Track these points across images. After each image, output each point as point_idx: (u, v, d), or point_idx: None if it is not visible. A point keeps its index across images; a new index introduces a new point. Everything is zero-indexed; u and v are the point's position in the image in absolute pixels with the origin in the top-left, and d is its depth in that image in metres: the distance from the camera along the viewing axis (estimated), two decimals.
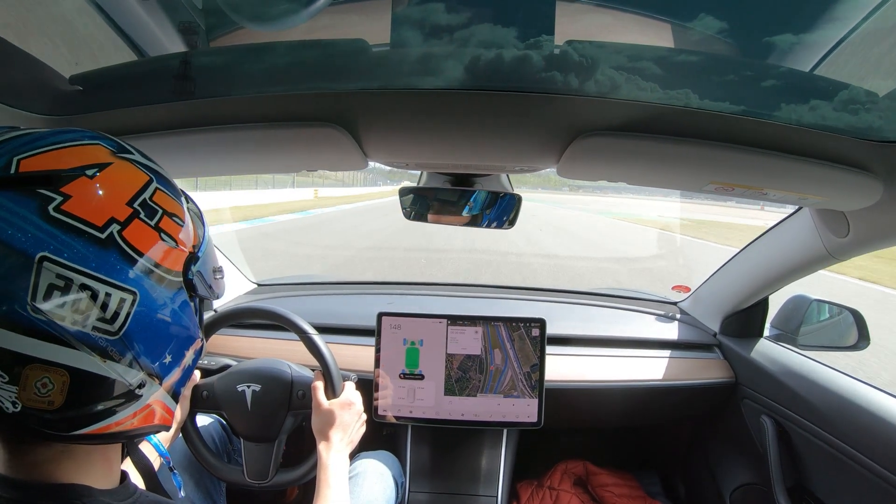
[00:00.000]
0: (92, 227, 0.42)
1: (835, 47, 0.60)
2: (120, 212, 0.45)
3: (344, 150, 0.78)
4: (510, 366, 1.29)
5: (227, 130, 0.75)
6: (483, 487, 1.36)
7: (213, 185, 18.18)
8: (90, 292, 0.42)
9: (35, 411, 0.42)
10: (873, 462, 0.98)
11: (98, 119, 0.76)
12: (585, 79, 0.60)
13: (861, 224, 0.91)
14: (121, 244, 0.44)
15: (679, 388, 1.40)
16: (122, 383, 0.46)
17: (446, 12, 0.56)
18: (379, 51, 0.62)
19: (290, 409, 1.05)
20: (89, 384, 0.44)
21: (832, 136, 0.67)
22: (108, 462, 0.53)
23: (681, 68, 0.61)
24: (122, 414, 0.47)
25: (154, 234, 0.47)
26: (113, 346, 0.44)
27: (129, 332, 0.45)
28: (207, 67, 0.71)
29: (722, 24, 0.58)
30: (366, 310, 1.47)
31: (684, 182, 0.87)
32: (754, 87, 0.63)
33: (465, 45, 0.59)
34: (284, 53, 0.65)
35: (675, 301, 1.74)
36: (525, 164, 0.90)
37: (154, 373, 0.49)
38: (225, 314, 1.09)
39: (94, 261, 0.42)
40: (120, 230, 0.44)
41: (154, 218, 0.47)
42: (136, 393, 0.47)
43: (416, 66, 0.63)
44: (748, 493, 1.38)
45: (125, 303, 0.44)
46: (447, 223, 1.13)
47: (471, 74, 0.61)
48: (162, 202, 0.49)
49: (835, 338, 1.28)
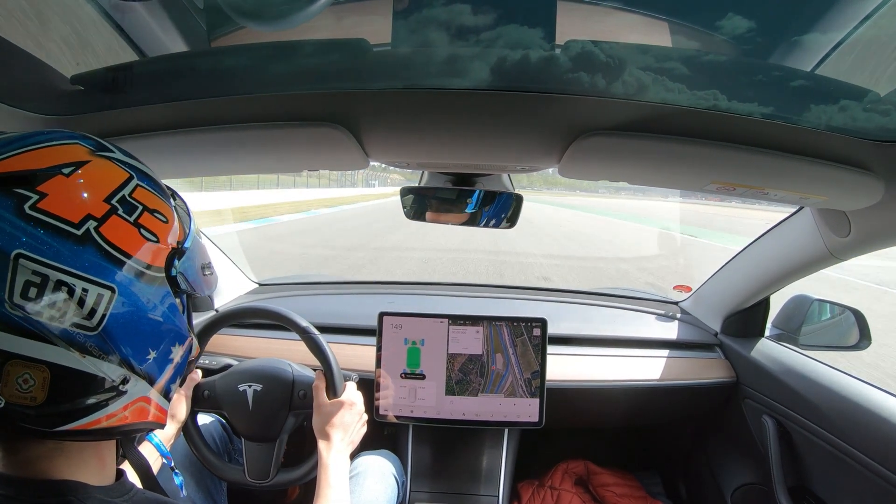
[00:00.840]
0: (68, 224, 0.43)
1: (836, 47, 0.60)
2: (97, 208, 0.45)
3: (345, 150, 0.78)
4: (511, 371, 1.29)
5: (228, 130, 0.75)
6: (484, 487, 1.36)
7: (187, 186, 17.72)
8: (67, 288, 0.42)
9: (18, 407, 0.42)
10: (874, 462, 0.98)
11: (99, 119, 0.76)
12: (587, 78, 0.60)
13: (862, 224, 0.91)
14: (98, 240, 0.44)
15: (680, 388, 1.40)
16: (104, 379, 0.46)
17: (447, 12, 0.56)
18: (380, 51, 0.62)
19: (292, 409, 1.05)
20: (70, 380, 0.44)
21: (833, 136, 0.67)
22: (102, 459, 0.53)
23: (681, 67, 0.61)
24: (107, 410, 0.47)
25: (133, 229, 0.47)
26: (92, 342, 0.44)
27: (108, 328, 0.45)
28: (209, 67, 0.71)
29: (721, 23, 0.58)
30: (367, 309, 1.47)
31: (685, 182, 0.87)
32: (757, 87, 0.63)
33: (466, 46, 0.59)
34: (286, 53, 0.65)
35: (676, 301, 1.74)
36: (526, 164, 0.90)
37: (138, 369, 0.49)
38: (226, 314, 1.09)
39: (70, 257, 0.43)
40: (97, 226, 0.44)
41: (133, 214, 0.48)
42: (121, 389, 0.47)
43: (417, 66, 0.64)
44: (749, 492, 1.38)
45: (103, 298, 0.44)
46: (448, 222, 1.13)
47: (472, 74, 0.61)
48: (143, 198, 0.49)
49: (836, 337, 1.28)
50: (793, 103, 0.63)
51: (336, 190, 39.08)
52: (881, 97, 0.62)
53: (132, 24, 0.66)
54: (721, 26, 0.58)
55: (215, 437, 1.17)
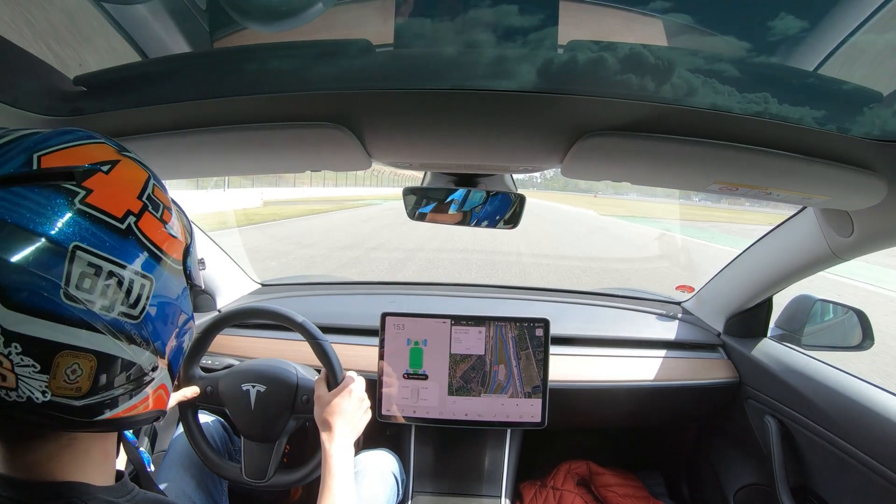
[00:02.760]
0: (113, 219, 0.45)
1: (839, 46, 0.60)
2: (134, 204, 0.48)
3: (348, 151, 0.78)
4: (512, 383, 1.29)
5: (230, 131, 0.75)
6: (486, 487, 1.36)
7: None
8: (117, 279, 0.45)
9: (63, 398, 0.44)
10: (877, 462, 0.97)
11: (101, 120, 0.76)
12: (589, 79, 0.60)
13: (865, 223, 0.90)
14: (137, 234, 0.47)
15: (682, 389, 1.40)
16: (139, 367, 0.49)
17: (448, 12, 0.56)
18: (383, 51, 0.62)
19: (294, 413, 1.05)
20: (114, 368, 0.46)
21: (836, 136, 0.67)
22: (107, 456, 0.54)
23: (684, 67, 0.61)
24: (140, 396, 0.50)
25: (160, 225, 0.50)
26: (135, 331, 0.47)
27: (147, 316, 0.48)
28: (211, 68, 0.71)
29: (722, 23, 0.58)
30: (369, 310, 1.47)
31: (689, 182, 0.86)
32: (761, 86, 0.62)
33: (468, 46, 0.59)
34: (287, 54, 0.65)
35: (678, 301, 1.74)
36: (529, 164, 0.90)
37: (163, 355, 0.52)
38: (227, 315, 1.10)
39: (117, 249, 0.45)
40: (136, 221, 0.47)
41: (158, 211, 0.51)
42: (151, 376, 0.51)
43: (419, 67, 0.63)
44: (752, 493, 1.37)
45: (145, 288, 0.47)
46: (449, 222, 1.13)
47: (474, 75, 0.61)
48: (160, 197, 0.52)
49: (839, 338, 1.28)
50: (795, 103, 0.63)
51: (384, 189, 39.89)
52: (884, 96, 0.62)
53: (134, 25, 0.67)
54: (722, 26, 0.58)
55: (215, 436, 1.17)
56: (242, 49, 0.67)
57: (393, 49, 0.60)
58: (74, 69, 0.69)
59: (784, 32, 0.57)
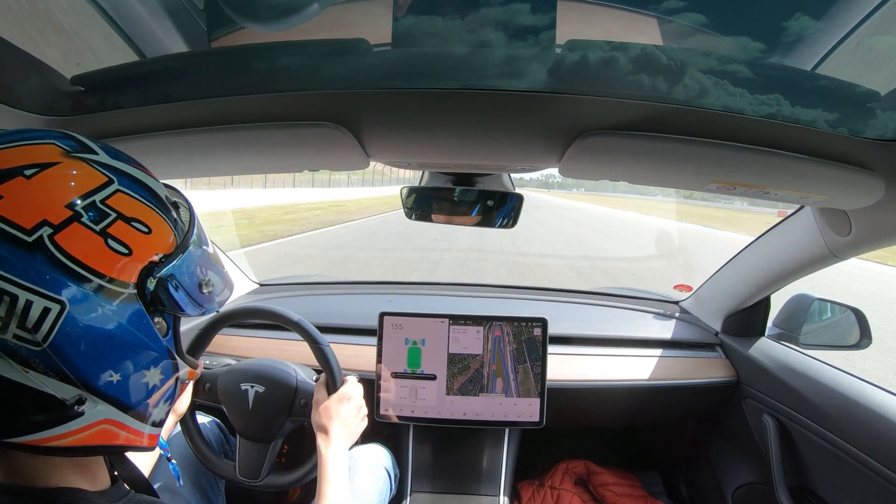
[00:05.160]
0: (17, 230, 0.40)
1: (837, 45, 0.60)
2: (55, 214, 0.42)
3: (346, 150, 0.78)
4: (511, 383, 1.29)
5: (228, 130, 0.75)
6: (484, 487, 1.36)
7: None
8: (9, 298, 0.40)
9: None
10: (876, 461, 0.98)
11: (100, 120, 0.76)
12: (587, 78, 0.60)
13: (863, 223, 0.91)
14: (50, 249, 0.41)
15: (680, 388, 1.40)
16: (52, 397, 0.43)
17: (448, 12, 0.56)
18: (380, 51, 0.61)
19: (291, 416, 1.06)
20: (14, 393, 0.41)
21: (834, 135, 0.67)
22: (100, 460, 0.53)
23: (682, 66, 0.61)
24: (61, 429, 0.44)
25: (97, 239, 0.44)
26: (36, 358, 0.41)
27: (56, 344, 0.42)
28: (209, 68, 0.71)
29: (722, 23, 0.58)
30: (367, 309, 1.47)
31: (686, 181, 0.86)
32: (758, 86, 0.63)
33: (469, 46, 0.59)
34: (286, 53, 0.65)
35: (676, 300, 1.74)
36: (527, 164, 0.90)
37: (96, 390, 0.45)
38: (225, 315, 1.10)
39: (16, 265, 0.40)
40: (52, 234, 0.41)
41: (102, 222, 0.44)
42: (77, 410, 0.44)
43: (417, 66, 0.63)
44: (750, 492, 1.38)
45: (50, 313, 0.41)
46: (448, 222, 1.13)
47: (474, 75, 0.61)
48: (120, 205, 0.46)
49: (837, 337, 1.28)
50: (794, 103, 0.63)
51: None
52: (881, 96, 0.62)
53: (132, 24, 0.66)
54: (722, 26, 0.58)
55: (211, 437, 1.17)
56: (240, 49, 0.67)
57: (391, 49, 0.60)
58: (72, 69, 0.68)
59: (799, 34, 0.57)
